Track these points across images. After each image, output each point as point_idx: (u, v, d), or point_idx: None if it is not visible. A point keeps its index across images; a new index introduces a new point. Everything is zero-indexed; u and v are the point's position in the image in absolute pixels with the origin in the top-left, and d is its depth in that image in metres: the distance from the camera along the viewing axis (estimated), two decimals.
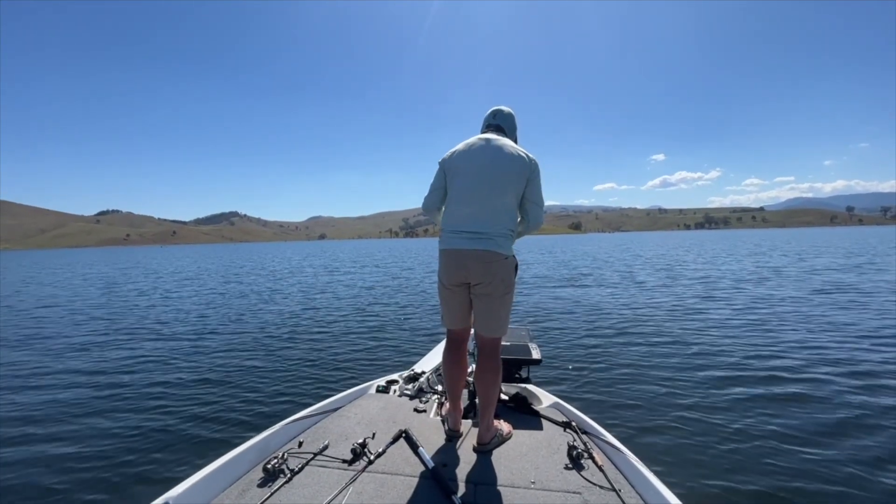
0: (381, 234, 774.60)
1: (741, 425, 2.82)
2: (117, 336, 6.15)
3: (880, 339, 4.75)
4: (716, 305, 7.23)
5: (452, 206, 1.78)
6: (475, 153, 1.76)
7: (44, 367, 4.63)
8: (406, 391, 2.45)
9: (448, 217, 1.80)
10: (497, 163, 1.71)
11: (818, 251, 21.54)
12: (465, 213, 1.73)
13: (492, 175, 1.70)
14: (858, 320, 5.75)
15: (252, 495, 1.47)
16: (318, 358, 4.69)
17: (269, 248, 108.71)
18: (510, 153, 1.72)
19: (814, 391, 3.35)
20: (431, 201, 1.89)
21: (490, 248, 1.67)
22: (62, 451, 2.73)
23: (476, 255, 1.67)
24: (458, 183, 1.77)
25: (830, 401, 3.17)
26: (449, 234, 1.76)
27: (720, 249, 27.05)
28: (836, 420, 2.87)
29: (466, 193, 1.73)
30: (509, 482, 1.56)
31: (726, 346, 4.67)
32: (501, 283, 1.70)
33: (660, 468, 2.25)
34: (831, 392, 3.32)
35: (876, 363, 3.96)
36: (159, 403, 3.48)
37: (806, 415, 2.96)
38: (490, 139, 1.78)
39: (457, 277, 1.75)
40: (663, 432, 2.76)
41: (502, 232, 1.70)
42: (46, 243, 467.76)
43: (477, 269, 1.68)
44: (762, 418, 2.92)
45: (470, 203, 1.72)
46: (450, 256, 1.74)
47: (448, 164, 1.81)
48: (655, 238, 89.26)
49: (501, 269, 1.69)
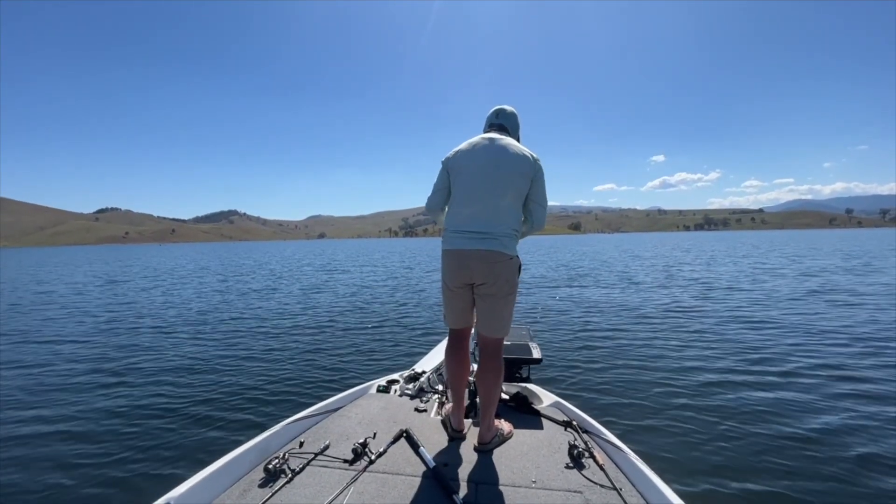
0: (380, 233, 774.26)
1: (742, 424, 2.83)
2: (117, 335, 6.14)
3: (878, 343, 4.76)
4: (715, 306, 7.24)
5: (456, 205, 1.77)
6: (479, 152, 1.74)
7: (43, 366, 4.62)
8: (407, 391, 2.45)
9: (451, 217, 1.78)
10: (501, 162, 1.69)
11: (818, 253, 21.57)
12: (468, 212, 1.71)
13: (496, 175, 1.68)
14: (855, 322, 5.76)
15: (253, 495, 1.47)
16: (318, 358, 4.69)
17: (268, 246, 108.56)
18: (515, 153, 1.71)
19: (814, 392, 3.36)
20: (435, 202, 1.87)
21: (494, 248, 1.65)
22: (63, 451, 2.72)
23: (480, 255, 1.66)
24: (461, 182, 1.75)
25: (830, 401, 3.17)
26: (452, 235, 1.73)
27: (718, 251, 27.10)
28: (836, 420, 2.88)
29: (470, 193, 1.71)
30: (510, 481, 1.56)
31: (726, 346, 4.68)
32: (506, 283, 1.69)
33: (661, 467, 2.25)
34: (831, 392, 3.33)
35: (873, 367, 3.97)
36: (160, 403, 3.48)
37: (806, 414, 2.97)
38: (494, 138, 1.76)
39: (460, 279, 1.73)
40: (664, 431, 2.77)
41: (506, 232, 1.68)
42: (45, 241, 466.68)
43: (481, 269, 1.66)
44: (762, 418, 2.92)
45: (473, 203, 1.70)
46: (453, 257, 1.72)
47: (451, 164, 1.79)
48: (655, 239, 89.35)
49: (506, 270, 1.68)
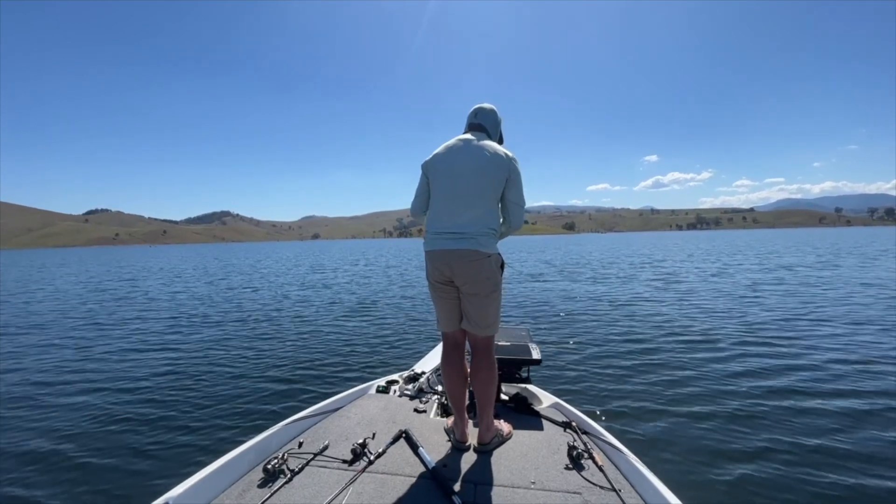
0: (375, 233, 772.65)
1: (741, 425, 2.84)
2: (114, 336, 6.06)
3: (889, 335, 4.78)
4: (715, 307, 7.29)
5: (434, 208, 1.80)
6: (454, 155, 1.77)
7: (41, 366, 4.55)
8: (406, 391, 2.44)
9: (431, 219, 1.81)
10: (476, 164, 1.72)
11: (817, 252, 21.85)
12: (446, 214, 1.74)
13: (471, 176, 1.71)
14: (881, 316, 5.77)
15: (252, 495, 1.47)
16: (317, 358, 4.67)
17: (261, 248, 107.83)
18: (489, 153, 1.73)
19: (814, 392, 3.36)
20: (417, 206, 1.91)
21: (472, 248, 1.68)
22: (61, 451, 2.70)
23: (459, 254, 1.68)
24: (438, 185, 1.78)
25: (830, 401, 3.18)
26: (432, 236, 1.77)
27: (712, 249, 27.32)
28: (836, 420, 2.88)
29: (447, 195, 1.75)
30: (509, 482, 1.56)
31: (726, 347, 4.70)
32: (487, 281, 1.71)
33: (660, 468, 2.26)
34: (831, 394, 3.32)
35: (884, 363, 3.98)
36: (159, 403, 3.45)
37: (806, 415, 2.97)
38: (468, 140, 1.79)
39: (442, 278, 1.76)
40: (664, 432, 2.76)
41: (483, 231, 1.71)
42: (32, 243, 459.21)
43: (461, 268, 1.69)
44: (762, 418, 2.93)
45: (451, 204, 1.73)
46: (434, 257, 1.75)
47: (429, 168, 1.82)
48: (648, 238, 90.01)
49: (485, 268, 1.70)
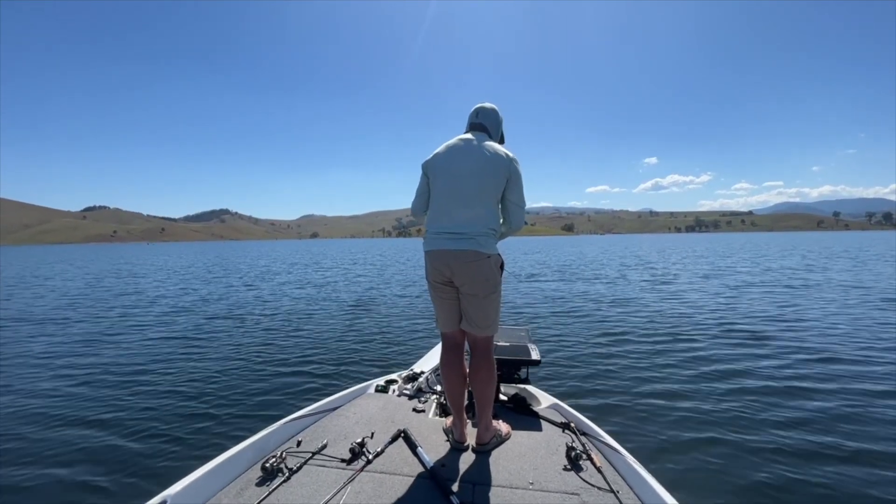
0: (374, 233, 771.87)
1: (740, 427, 2.84)
2: (113, 335, 6.03)
3: (883, 344, 4.81)
4: (714, 307, 7.31)
5: (434, 207, 1.80)
6: (454, 154, 1.77)
7: (39, 366, 4.53)
8: (405, 391, 2.44)
9: (430, 219, 1.81)
10: (476, 164, 1.72)
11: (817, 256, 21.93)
12: (446, 214, 1.74)
13: (471, 176, 1.71)
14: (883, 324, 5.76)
15: (250, 494, 1.47)
16: (316, 357, 4.66)
17: (260, 246, 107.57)
18: (489, 154, 1.73)
19: (814, 393, 3.37)
20: (417, 206, 1.90)
21: (471, 248, 1.67)
22: (59, 450, 2.69)
23: (458, 255, 1.68)
24: (438, 185, 1.78)
25: (830, 401, 3.19)
26: (432, 236, 1.76)
27: (710, 251, 27.42)
28: (836, 420, 2.89)
29: (447, 195, 1.74)
30: (508, 483, 1.56)
31: (725, 348, 4.72)
32: (486, 281, 1.70)
33: (658, 469, 2.26)
34: (831, 394, 3.34)
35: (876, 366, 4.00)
36: (157, 402, 3.43)
37: (805, 416, 2.98)
38: (469, 140, 1.79)
39: (441, 278, 1.76)
40: (662, 434, 2.76)
41: (483, 231, 1.70)
42: (29, 239, 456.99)
43: (459, 269, 1.69)
44: (761, 420, 2.94)
45: (450, 204, 1.73)
46: (433, 257, 1.75)
47: (429, 167, 1.82)
48: (647, 240, 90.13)
49: (484, 268, 1.69)
